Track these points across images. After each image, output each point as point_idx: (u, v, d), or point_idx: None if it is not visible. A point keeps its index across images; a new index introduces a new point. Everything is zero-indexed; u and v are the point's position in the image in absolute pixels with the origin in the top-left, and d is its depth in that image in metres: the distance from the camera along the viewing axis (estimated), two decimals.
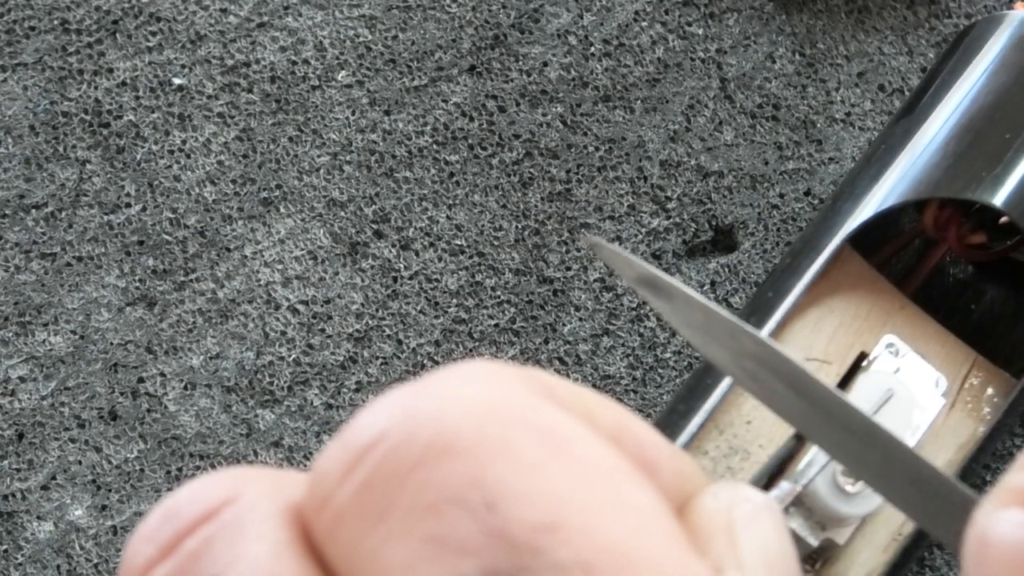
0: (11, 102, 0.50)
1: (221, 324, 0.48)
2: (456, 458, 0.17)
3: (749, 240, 0.50)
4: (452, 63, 0.51)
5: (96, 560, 0.46)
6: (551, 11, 0.52)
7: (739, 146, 0.51)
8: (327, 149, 0.50)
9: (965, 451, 0.41)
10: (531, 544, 0.16)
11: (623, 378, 0.49)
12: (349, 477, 0.17)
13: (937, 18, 0.53)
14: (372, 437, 0.17)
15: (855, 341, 0.42)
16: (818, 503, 0.38)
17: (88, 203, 0.49)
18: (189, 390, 0.47)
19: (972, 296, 0.48)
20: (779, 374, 0.22)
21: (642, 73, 0.52)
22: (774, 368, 0.22)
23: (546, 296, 0.49)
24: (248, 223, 0.49)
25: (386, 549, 0.16)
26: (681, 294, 0.23)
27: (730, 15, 0.53)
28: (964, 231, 0.45)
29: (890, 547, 0.40)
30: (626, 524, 0.17)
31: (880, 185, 0.43)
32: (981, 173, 0.41)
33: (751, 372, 0.22)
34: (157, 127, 0.50)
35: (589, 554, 0.16)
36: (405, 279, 0.49)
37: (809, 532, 0.38)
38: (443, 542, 0.16)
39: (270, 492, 0.18)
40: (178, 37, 0.51)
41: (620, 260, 0.23)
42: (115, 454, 0.47)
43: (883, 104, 0.52)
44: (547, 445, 0.17)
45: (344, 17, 0.52)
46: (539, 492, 0.16)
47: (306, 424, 0.47)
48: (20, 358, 0.47)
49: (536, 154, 0.51)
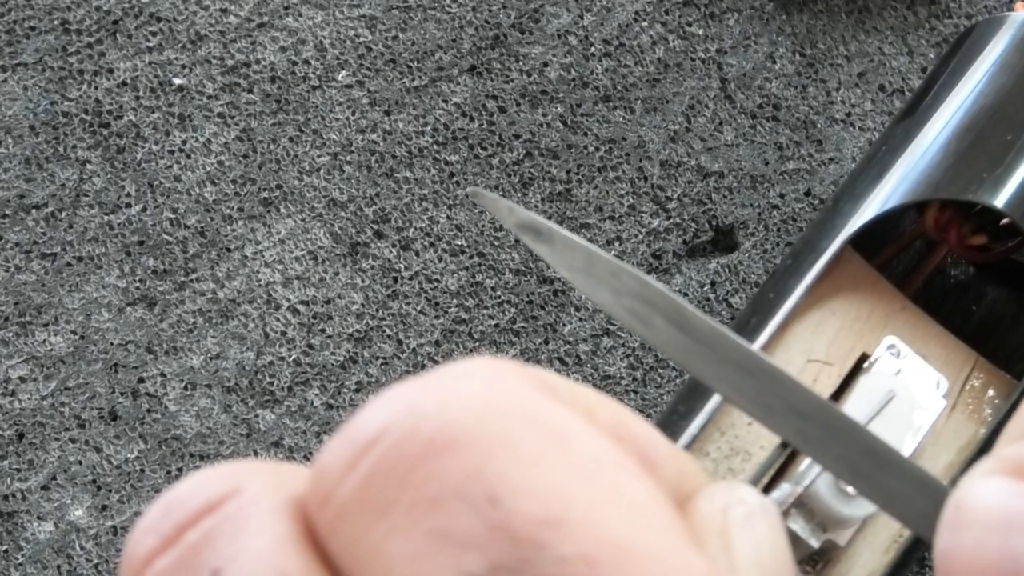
0: (11, 102, 0.50)
1: (221, 324, 0.48)
2: (458, 453, 0.17)
3: (749, 240, 0.50)
4: (452, 63, 0.51)
5: (96, 560, 0.45)
6: (551, 11, 0.52)
7: (739, 146, 0.51)
8: (327, 149, 0.50)
9: (966, 453, 0.41)
10: (534, 538, 0.16)
11: (623, 378, 0.48)
12: (352, 471, 0.17)
13: (937, 18, 0.53)
14: (375, 432, 0.17)
15: (856, 343, 0.42)
16: (819, 505, 0.38)
17: (88, 203, 0.49)
18: (189, 390, 0.47)
19: (973, 297, 0.48)
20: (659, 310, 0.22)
21: (642, 73, 0.52)
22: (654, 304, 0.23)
23: (546, 296, 0.49)
24: (248, 223, 0.49)
25: (389, 543, 0.16)
26: (561, 237, 0.23)
27: (730, 15, 0.53)
28: (965, 232, 0.45)
29: (891, 549, 0.40)
30: (628, 518, 0.17)
31: (881, 186, 0.42)
32: (982, 174, 0.41)
33: (633, 310, 0.23)
34: (157, 127, 0.50)
35: (591, 547, 0.16)
36: (405, 279, 0.49)
37: (810, 534, 0.38)
38: (446, 536, 0.16)
39: (272, 485, 0.18)
40: (178, 37, 0.51)
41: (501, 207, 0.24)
42: (115, 454, 0.47)
43: (883, 104, 0.52)
44: (549, 440, 0.17)
45: (344, 17, 0.52)
46: (541, 486, 0.16)
47: (306, 424, 0.47)
48: (20, 358, 0.47)
49: (536, 154, 0.51)
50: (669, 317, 0.22)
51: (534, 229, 0.24)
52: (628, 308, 0.23)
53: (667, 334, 0.22)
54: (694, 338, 0.22)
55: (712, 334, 0.22)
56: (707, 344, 0.22)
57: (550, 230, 0.23)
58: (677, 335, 0.22)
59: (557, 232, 0.23)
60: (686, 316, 0.22)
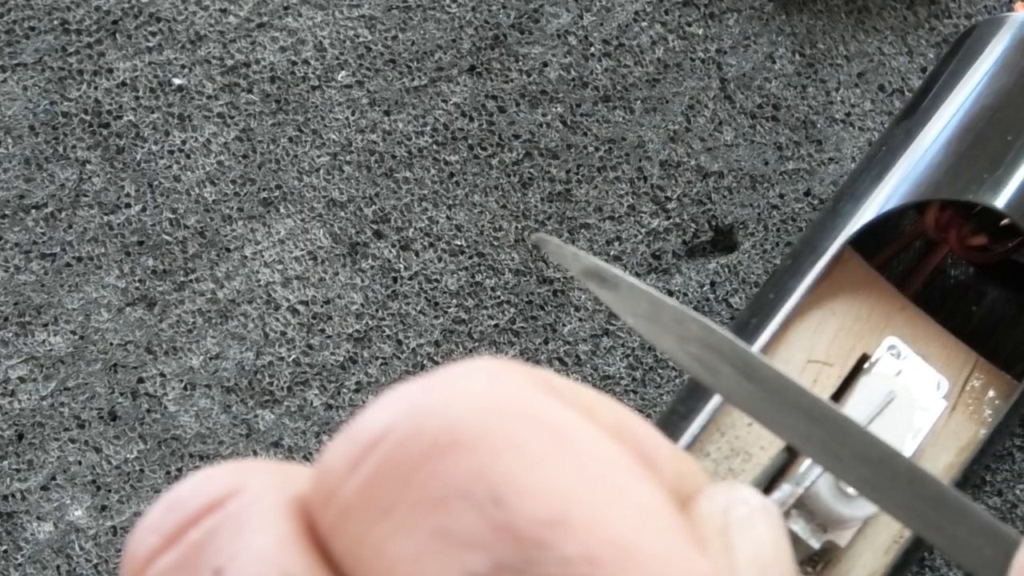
0: (11, 102, 0.50)
1: (221, 324, 0.48)
2: (462, 453, 0.17)
3: (749, 240, 0.50)
4: (452, 63, 0.51)
5: (96, 560, 0.45)
6: (551, 11, 0.52)
7: (739, 146, 0.51)
8: (327, 149, 0.50)
9: (966, 453, 0.41)
10: (537, 538, 0.16)
11: (623, 378, 0.48)
12: (355, 471, 0.17)
13: (937, 18, 0.53)
14: (378, 432, 0.17)
15: (856, 343, 0.42)
16: (820, 505, 0.38)
17: (88, 203, 0.49)
18: (189, 390, 0.47)
19: (973, 298, 0.48)
20: (724, 357, 0.23)
21: (642, 73, 0.52)
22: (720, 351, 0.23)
23: (546, 296, 0.49)
24: (248, 223, 0.49)
25: (392, 543, 0.16)
26: (626, 284, 0.24)
27: (730, 15, 0.53)
28: (965, 233, 0.45)
29: (891, 549, 0.40)
30: (631, 518, 0.17)
31: (881, 187, 0.42)
32: (982, 175, 0.41)
33: (697, 357, 0.23)
34: (157, 127, 0.50)
35: (595, 547, 0.16)
36: (405, 279, 0.49)
37: (811, 534, 0.38)
38: (449, 536, 0.16)
39: (275, 485, 0.18)
40: (178, 37, 0.51)
41: (566, 254, 0.24)
42: (115, 454, 0.47)
43: (883, 104, 0.52)
44: (552, 440, 0.17)
45: (344, 17, 0.52)
46: (545, 486, 0.16)
47: (306, 424, 0.47)
48: (20, 358, 0.47)
49: (536, 154, 0.51)
50: (735, 365, 0.23)
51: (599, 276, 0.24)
52: (693, 355, 0.23)
53: (734, 382, 0.23)
54: (761, 386, 0.22)
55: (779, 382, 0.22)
56: (774, 392, 0.22)
57: (615, 276, 0.24)
58: (744, 383, 0.23)
59: (622, 279, 0.24)
60: (753, 364, 0.22)
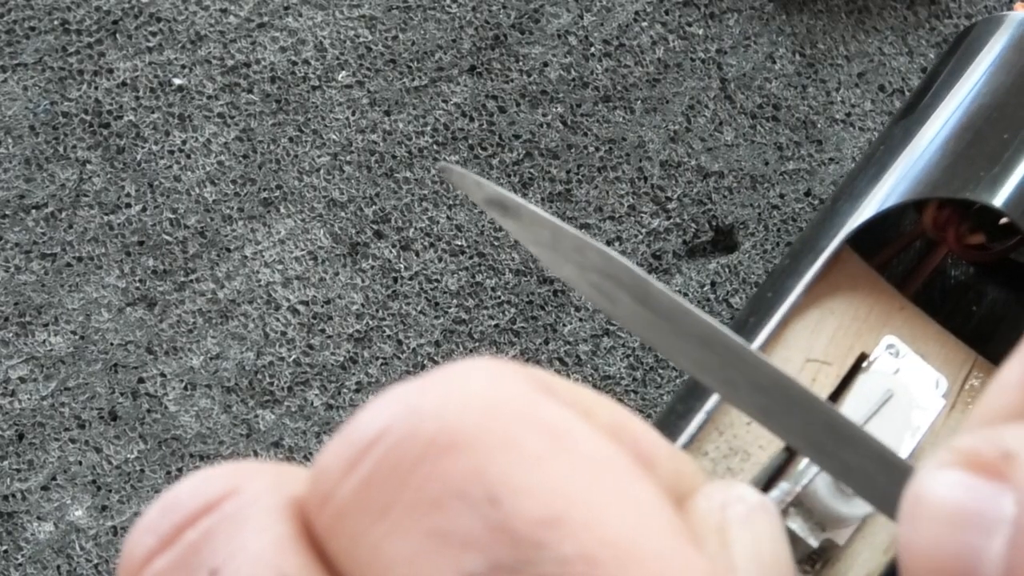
0: (11, 102, 0.50)
1: (221, 324, 0.48)
2: (459, 453, 0.17)
3: (749, 240, 0.50)
4: (452, 63, 0.51)
5: (96, 560, 0.46)
6: (551, 11, 0.52)
7: (739, 146, 0.51)
8: (327, 149, 0.50)
9: None
10: (534, 538, 0.16)
11: (623, 379, 0.49)
12: (352, 472, 0.17)
13: (937, 18, 0.53)
14: (375, 433, 0.17)
15: (855, 342, 0.42)
16: (818, 504, 0.38)
17: (88, 203, 0.49)
18: (189, 390, 0.47)
19: (972, 297, 0.48)
20: (623, 285, 0.23)
21: (642, 73, 0.52)
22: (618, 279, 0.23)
23: (546, 296, 0.49)
24: (248, 223, 0.49)
25: (389, 544, 0.16)
26: (528, 212, 0.24)
27: (730, 15, 0.53)
28: (963, 231, 0.45)
29: (890, 548, 0.40)
30: (628, 517, 0.17)
31: (880, 185, 0.43)
32: (980, 173, 0.41)
33: (597, 285, 0.23)
34: (157, 127, 0.50)
35: (592, 547, 0.16)
36: (405, 279, 0.49)
37: (809, 533, 0.38)
38: (446, 536, 0.16)
39: (272, 486, 0.18)
40: (178, 37, 0.51)
41: (469, 182, 0.24)
42: (115, 454, 0.47)
43: (883, 104, 0.52)
44: (549, 440, 0.17)
45: (344, 17, 0.52)
46: (541, 486, 0.16)
47: (306, 424, 0.47)
48: (20, 358, 0.47)
49: (536, 154, 0.51)
50: (633, 292, 0.23)
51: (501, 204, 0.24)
52: (593, 283, 0.23)
53: (631, 309, 0.23)
54: (657, 313, 0.22)
55: (675, 309, 0.22)
56: (670, 319, 0.22)
57: (517, 205, 0.24)
58: (640, 310, 0.23)
59: (524, 207, 0.24)
60: (649, 291, 0.22)
